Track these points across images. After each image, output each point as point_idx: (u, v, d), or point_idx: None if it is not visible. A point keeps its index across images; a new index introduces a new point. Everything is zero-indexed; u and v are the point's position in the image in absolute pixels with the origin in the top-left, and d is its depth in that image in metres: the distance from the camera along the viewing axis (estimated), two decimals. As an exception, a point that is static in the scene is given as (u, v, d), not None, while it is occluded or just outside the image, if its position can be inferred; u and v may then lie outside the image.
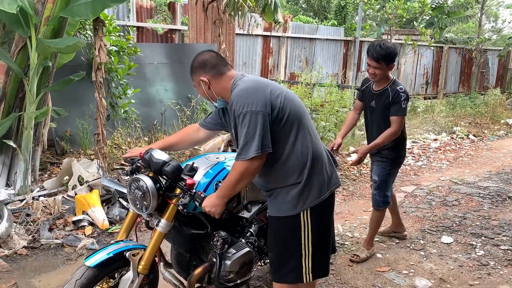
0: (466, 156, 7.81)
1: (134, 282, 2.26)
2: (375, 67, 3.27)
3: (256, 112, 2.06)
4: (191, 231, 2.42)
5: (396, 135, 3.37)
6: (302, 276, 2.24)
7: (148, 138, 6.71)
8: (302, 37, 10.76)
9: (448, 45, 15.06)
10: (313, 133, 2.26)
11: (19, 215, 4.13)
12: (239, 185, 2.17)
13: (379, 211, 3.66)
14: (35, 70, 4.26)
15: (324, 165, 2.23)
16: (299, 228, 2.21)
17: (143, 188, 2.25)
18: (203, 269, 2.46)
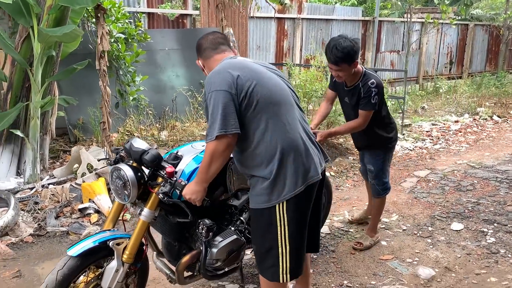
0: (487, 138, 7.53)
1: (118, 271, 2.26)
2: (336, 70, 3.05)
3: (220, 92, 2.04)
4: (176, 220, 2.41)
5: (359, 128, 3.25)
6: (278, 275, 2.19)
7: (159, 124, 6.73)
8: (318, 18, 10.48)
9: (473, 22, 14.43)
10: (289, 123, 2.15)
11: (27, 203, 4.21)
12: (211, 168, 2.12)
13: (379, 198, 3.56)
14: (39, 60, 4.28)
15: (298, 157, 2.13)
16: (275, 222, 2.14)
17: (124, 177, 2.25)
18: (191, 257, 2.45)
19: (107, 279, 2.26)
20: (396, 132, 3.50)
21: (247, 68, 2.16)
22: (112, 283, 2.26)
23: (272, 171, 2.10)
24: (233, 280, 3.07)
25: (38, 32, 4.12)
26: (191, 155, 2.49)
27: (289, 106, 2.21)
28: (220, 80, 2.07)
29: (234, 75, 2.08)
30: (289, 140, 2.12)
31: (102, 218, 4.11)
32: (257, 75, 2.15)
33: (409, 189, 4.95)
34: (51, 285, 2.15)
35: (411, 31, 11.52)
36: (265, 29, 9.55)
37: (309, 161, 2.17)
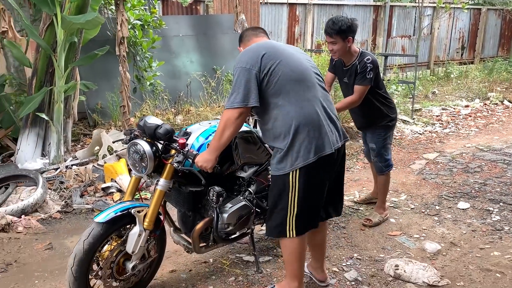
0: (497, 123, 7.61)
1: (141, 236, 2.47)
2: (331, 42, 3.28)
3: (244, 69, 2.29)
4: (189, 189, 2.62)
5: (355, 104, 3.45)
6: (286, 232, 2.42)
7: (174, 109, 6.93)
8: (329, 3, 10.53)
9: (486, 7, 14.31)
10: (308, 100, 2.35)
11: (53, 182, 4.45)
12: (224, 134, 2.32)
13: (384, 176, 3.75)
14: (62, 46, 4.48)
15: (312, 131, 2.32)
16: (287, 188, 2.36)
17: (140, 151, 2.46)
18: (204, 224, 2.67)
19: (131, 243, 2.46)
20: (396, 112, 3.68)
21: (274, 48, 2.39)
22: (135, 247, 2.47)
23: (287, 143, 2.32)
24: (249, 252, 3.28)
25: (61, 19, 4.31)
26: (199, 131, 2.72)
27: (310, 84, 2.40)
28: (247, 58, 2.32)
29: (260, 53, 2.32)
30: (304, 115, 2.31)
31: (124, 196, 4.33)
32: (282, 55, 2.36)
33: (418, 170, 5.10)
34: (79, 254, 2.37)
35: (422, 16, 11.51)
36: (276, 14, 9.65)
37: (323, 136, 2.34)
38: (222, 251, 3.31)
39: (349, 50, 3.34)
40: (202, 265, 3.13)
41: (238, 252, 3.30)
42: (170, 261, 3.20)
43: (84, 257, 2.37)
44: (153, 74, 6.40)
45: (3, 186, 4.21)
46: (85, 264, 2.38)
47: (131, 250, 2.48)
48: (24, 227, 3.71)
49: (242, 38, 2.69)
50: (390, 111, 3.60)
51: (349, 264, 3.14)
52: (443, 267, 3.10)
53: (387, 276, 2.99)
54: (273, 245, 3.39)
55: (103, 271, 2.47)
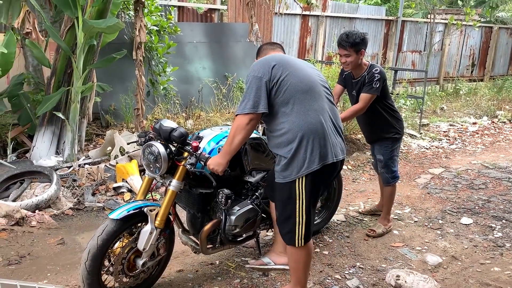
0: (504, 141, 7.66)
1: (152, 234, 2.57)
2: (344, 54, 3.42)
3: (256, 77, 2.43)
4: (199, 191, 2.75)
5: (359, 112, 3.57)
6: (294, 241, 2.52)
7: (185, 113, 7.06)
8: (341, 16, 10.67)
9: (498, 25, 14.38)
10: (314, 110, 2.46)
11: (66, 180, 4.58)
12: (235, 139, 2.43)
13: (390, 187, 3.84)
14: (82, 48, 4.63)
15: (317, 140, 2.43)
16: (294, 195, 2.46)
17: (155, 152, 2.58)
18: (212, 225, 2.79)
19: (142, 241, 2.57)
20: (403, 125, 3.80)
21: (284, 60, 2.53)
22: (146, 244, 2.57)
23: (291, 150, 2.42)
24: (254, 256, 3.37)
25: (83, 22, 4.46)
26: (211, 136, 2.87)
27: (317, 96, 2.51)
28: (259, 67, 2.47)
29: (271, 64, 2.46)
30: (310, 124, 2.43)
31: (135, 196, 4.44)
32: (292, 67, 2.50)
33: (423, 184, 5.18)
34: (93, 249, 2.47)
35: (434, 31, 11.59)
36: (289, 25, 9.79)
37: (327, 145, 2.46)
38: (228, 254, 3.41)
39: (360, 63, 3.48)
40: (209, 267, 3.23)
41: (243, 255, 3.40)
42: (178, 261, 3.30)
43: (97, 253, 2.47)
44: (167, 79, 6.55)
45: (18, 181, 4.34)
46: (98, 259, 2.49)
47: (142, 247, 2.58)
48: (37, 222, 3.83)
49: (260, 51, 2.85)
50: (397, 123, 3.71)
51: (351, 272, 3.22)
52: (443, 280, 3.17)
53: (388, 285, 3.07)
54: (278, 251, 3.47)
55: (114, 267, 2.58)
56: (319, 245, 3.63)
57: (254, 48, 8.24)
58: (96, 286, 2.53)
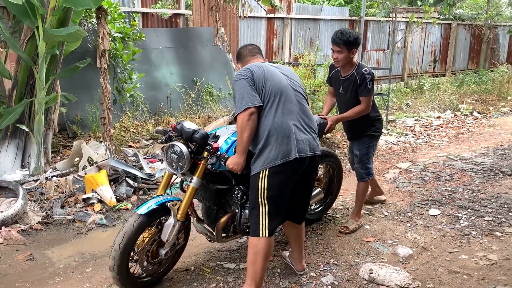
0: (467, 133, 7.93)
1: (175, 226, 2.82)
2: (337, 51, 3.56)
3: (244, 79, 2.70)
4: (216, 187, 3.02)
5: (364, 112, 3.70)
6: (259, 231, 2.71)
7: (154, 120, 6.99)
8: (306, 18, 10.81)
9: (456, 22, 14.90)
10: (282, 112, 2.72)
11: (33, 194, 4.46)
12: (244, 136, 2.66)
13: (363, 183, 3.95)
14: (44, 58, 4.52)
15: (281, 138, 2.68)
16: (257, 186, 2.71)
17: (178, 152, 2.83)
18: (227, 218, 3.04)
19: (166, 233, 2.82)
20: (382, 124, 3.95)
21: (262, 68, 2.80)
22: (169, 236, 2.82)
23: (259, 147, 2.70)
24: (230, 260, 3.37)
25: (43, 32, 4.36)
26: (226, 135, 3.05)
27: (287, 99, 2.76)
28: (242, 73, 2.75)
29: (251, 71, 2.74)
30: (276, 125, 2.69)
31: (105, 207, 4.37)
32: (268, 74, 2.77)
33: (391, 179, 5.30)
34: (123, 242, 2.69)
35: (396, 30, 11.90)
36: (255, 28, 9.86)
37: (290, 144, 2.69)
38: (203, 259, 3.40)
39: (350, 61, 3.63)
40: (184, 273, 3.21)
41: (219, 259, 3.40)
42: (152, 269, 3.27)
43: (127, 244, 2.69)
44: (133, 86, 6.47)
45: (-18, 197, 4.20)
46: (126, 252, 2.71)
47: (165, 239, 2.83)
48: (4, 239, 3.71)
49: (240, 56, 3.05)
50: (377, 122, 3.87)
51: (326, 269, 3.27)
52: (414, 270, 3.26)
53: (362, 280, 3.13)
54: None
55: (139, 256, 2.85)
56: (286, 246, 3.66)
57: (221, 52, 8.26)
58: (124, 274, 2.76)
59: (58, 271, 3.29)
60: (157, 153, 5.93)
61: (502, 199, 4.61)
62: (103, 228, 4.04)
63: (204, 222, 3.23)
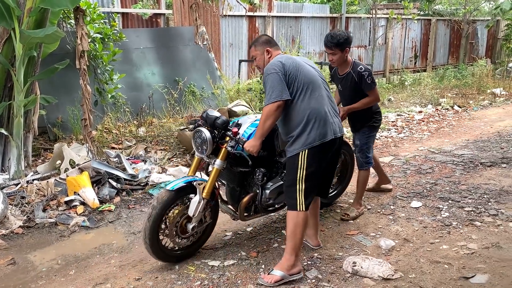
0: (448, 127, 8.06)
1: (200, 203, 3.13)
2: (330, 53, 3.76)
3: (275, 73, 2.95)
4: (238, 169, 3.32)
5: (373, 102, 4.00)
6: (297, 206, 3.01)
7: (137, 121, 6.94)
8: (287, 15, 10.85)
9: (435, 18, 15.11)
10: (316, 98, 3.03)
11: (14, 198, 4.39)
12: (266, 124, 2.96)
13: (363, 171, 4.14)
14: (21, 60, 4.46)
15: (318, 121, 2.99)
16: (297, 165, 3.00)
17: (202, 137, 3.19)
18: (249, 198, 3.36)
19: (192, 208, 3.13)
20: (381, 116, 4.22)
21: (293, 59, 3.08)
22: (195, 212, 3.12)
23: (299, 129, 2.99)
24: (215, 258, 3.38)
25: (20, 34, 4.30)
26: (247, 123, 3.42)
27: (318, 87, 3.08)
28: (275, 66, 2.98)
29: (282, 63, 2.99)
30: (313, 109, 3.00)
31: (88, 209, 4.34)
32: (297, 64, 3.04)
33: (374, 173, 5.32)
34: (153, 214, 3.02)
35: (376, 26, 12.03)
36: (237, 27, 9.85)
37: (326, 126, 3.02)
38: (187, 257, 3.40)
39: (345, 60, 3.81)
40: (168, 272, 3.21)
41: (203, 257, 3.40)
42: (136, 270, 3.26)
43: (156, 216, 3.02)
44: (114, 87, 6.41)
45: (-39, 203, 4.12)
46: (157, 221, 3.03)
47: (192, 214, 3.13)
48: (-16, 244, 3.65)
49: (273, 44, 3.25)
50: (376, 114, 4.12)
51: (310, 263, 3.30)
52: (396, 262, 3.30)
53: (345, 272, 3.16)
54: (237, 249, 3.51)
55: (169, 229, 3.15)
56: (277, 239, 3.69)
57: (202, 51, 8.23)
58: (156, 245, 3.09)
59: (41, 275, 3.26)
60: (140, 153, 5.90)
61: (481, 189, 4.70)
62: (86, 230, 4.00)
63: (228, 203, 3.55)
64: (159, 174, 5.11)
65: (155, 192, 4.79)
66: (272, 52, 3.20)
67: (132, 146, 6.19)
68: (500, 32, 17.21)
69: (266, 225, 3.99)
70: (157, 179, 4.96)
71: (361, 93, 3.91)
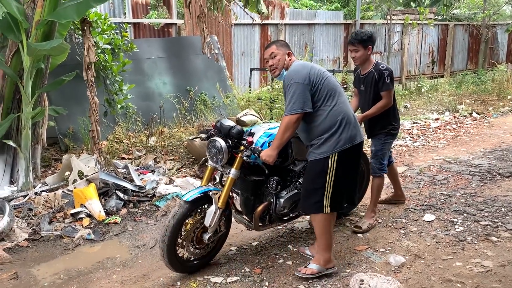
0: (465, 135, 7.83)
1: (216, 213, 3.12)
2: (353, 50, 3.87)
3: (298, 83, 2.95)
4: (252, 178, 3.33)
5: (387, 106, 3.93)
6: (322, 208, 3.06)
7: (147, 131, 6.93)
8: (300, 23, 10.76)
9: (453, 22, 14.82)
10: (345, 103, 3.10)
11: (21, 209, 4.40)
12: (285, 135, 2.99)
13: (377, 178, 4.09)
14: (29, 72, 4.49)
15: (349, 125, 3.05)
16: (326, 169, 3.02)
17: (218, 146, 3.17)
18: (263, 207, 3.34)
19: (208, 218, 3.12)
20: (399, 123, 4.16)
21: (314, 67, 3.09)
22: (212, 222, 3.11)
23: (329, 133, 3.02)
24: (217, 274, 3.29)
25: (27, 46, 4.32)
26: (260, 132, 3.40)
27: (341, 93, 3.15)
28: (297, 75, 2.99)
29: (307, 71, 3.01)
30: (343, 113, 3.06)
31: (94, 221, 4.31)
32: (320, 72, 3.07)
33: (386, 184, 5.15)
34: (170, 226, 3.02)
35: (392, 32, 11.85)
36: (249, 35, 9.81)
37: (356, 129, 3.10)
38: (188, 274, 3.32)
39: (368, 58, 3.89)
40: (170, 289, 3.14)
41: (206, 273, 3.31)
42: (138, 286, 3.20)
43: (174, 228, 3.02)
44: (124, 97, 6.42)
45: (-32, 215, 4.14)
46: (174, 233, 3.04)
47: (208, 224, 3.12)
48: (-11, 257, 3.64)
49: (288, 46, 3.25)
50: (394, 120, 4.06)
51: (315, 280, 3.18)
52: (406, 280, 3.16)
53: (352, 291, 3.03)
54: (241, 265, 3.41)
55: (185, 240, 3.16)
56: (283, 255, 3.58)
57: (212, 60, 8.20)
58: (173, 256, 3.09)
59: (42, 290, 3.22)
60: (149, 164, 5.88)
61: (499, 202, 4.50)
62: (91, 244, 3.97)
63: (242, 212, 3.52)
64: (166, 186, 5.06)
65: (162, 203, 4.74)
66: (292, 56, 3.23)
67: (142, 156, 6.17)
68: (521, 36, 16.78)
69: (272, 239, 3.89)
70: (164, 191, 4.91)
71: (377, 93, 3.91)
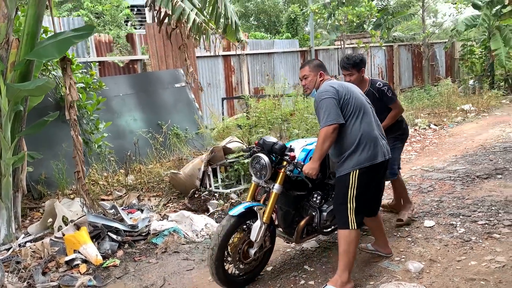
0: (431, 145, 8.21)
1: (261, 228, 3.21)
2: (348, 74, 4.00)
3: (330, 98, 3.11)
4: (295, 193, 3.44)
5: (399, 114, 4.21)
6: (349, 224, 3.13)
7: (124, 169, 6.69)
8: (260, 52, 11.04)
9: (397, 43, 15.76)
10: (367, 122, 3.18)
11: (9, 264, 4.05)
12: (324, 146, 3.08)
13: (395, 180, 4.40)
14: (7, 116, 4.23)
15: (370, 144, 3.13)
16: (347, 184, 3.12)
17: (261, 162, 3.27)
18: (306, 221, 3.47)
19: (254, 233, 3.20)
20: (408, 128, 4.41)
21: (344, 86, 3.24)
22: (257, 237, 3.19)
23: (350, 150, 3.12)
24: None
25: (6, 88, 4.10)
26: (300, 147, 3.52)
27: (367, 111, 3.24)
28: (329, 92, 3.14)
29: (335, 88, 3.16)
30: (366, 131, 3.15)
31: (91, 266, 4.05)
32: (349, 90, 3.21)
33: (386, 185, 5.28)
34: (217, 242, 3.08)
35: (345, 56, 12.35)
36: (213, 66, 9.90)
37: (376, 148, 3.16)
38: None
39: (362, 79, 4.04)
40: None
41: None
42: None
43: (221, 243, 3.08)
44: (101, 136, 6.20)
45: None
46: (222, 248, 3.10)
47: (254, 239, 3.20)
48: (-16, 318, 3.30)
49: (323, 67, 3.44)
50: (402, 126, 4.31)
51: (344, 296, 3.14)
52: (431, 284, 3.20)
53: (383, 302, 3.03)
54: None
55: (232, 256, 3.22)
56: (302, 276, 3.52)
57: (182, 93, 8.16)
58: (221, 273, 3.14)
59: None
60: (134, 202, 5.65)
61: (487, 202, 4.72)
62: (94, 290, 3.71)
63: (279, 226, 3.59)
64: (160, 222, 4.87)
65: (159, 240, 4.55)
66: (324, 76, 3.37)
67: (123, 196, 5.93)
68: (456, 53, 18.11)
69: (286, 262, 3.83)
70: (159, 227, 4.72)
71: (382, 106, 4.05)
